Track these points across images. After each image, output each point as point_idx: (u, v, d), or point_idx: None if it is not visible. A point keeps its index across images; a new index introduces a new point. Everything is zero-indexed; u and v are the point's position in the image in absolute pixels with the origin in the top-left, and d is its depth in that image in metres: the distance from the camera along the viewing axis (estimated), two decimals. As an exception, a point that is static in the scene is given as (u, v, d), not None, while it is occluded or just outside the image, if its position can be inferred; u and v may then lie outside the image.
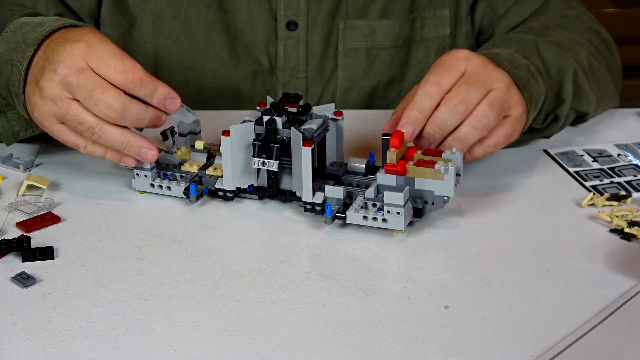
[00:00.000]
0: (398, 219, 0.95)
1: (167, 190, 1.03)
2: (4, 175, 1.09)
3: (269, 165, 0.99)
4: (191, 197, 1.02)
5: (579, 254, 0.95)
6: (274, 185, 1.01)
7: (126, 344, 0.81)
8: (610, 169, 1.12)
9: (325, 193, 0.99)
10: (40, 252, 0.93)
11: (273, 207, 1.03)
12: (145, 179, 1.03)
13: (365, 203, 0.97)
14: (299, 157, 0.97)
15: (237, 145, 0.99)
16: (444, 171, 0.94)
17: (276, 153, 0.98)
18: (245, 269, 0.92)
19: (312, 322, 0.84)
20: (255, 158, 0.99)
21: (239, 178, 1.01)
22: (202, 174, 1.04)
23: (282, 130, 0.99)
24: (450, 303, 0.87)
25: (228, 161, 1.00)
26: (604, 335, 0.82)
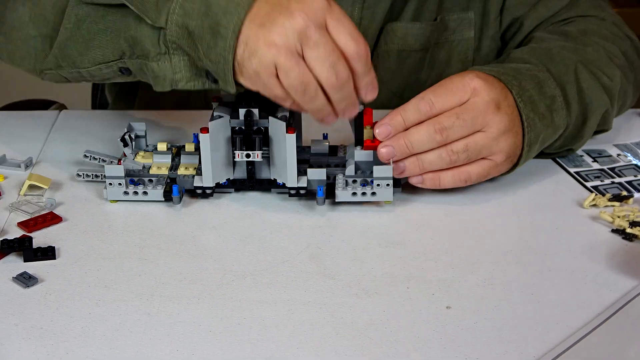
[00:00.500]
0: (387, 191, 1.00)
1: (144, 195, 1.02)
2: (5, 175, 1.09)
3: (254, 156, 1.00)
4: (174, 198, 1.01)
5: (581, 254, 0.95)
6: (254, 176, 1.03)
7: (128, 344, 0.81)
8: (610, 169, 1.12)
9: (308, 176, 1.01)
10: (41, 252, 0.93)
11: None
12: (119, 187, 1.01)
13: (346, 180, 1.01)
14: (281, 145, 0.99)
15: (215, 142, 0.99)
16: None
17: (259, 144, 1.00)
18: (246, 269, 0.92)
19: (313, 322, 0.84)
20: (238, 151, 1.00)
21: (218, 174, 1.01)
22: (174, 175, 1.04)
23: (259, 120, 1.00)
24: (452, 303, 0.87)
25: (208, 158, 1.00)
26: (605, 336, 0.82)
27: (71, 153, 1.14)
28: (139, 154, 1.07)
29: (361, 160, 1.01)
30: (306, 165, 1.04)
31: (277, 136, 0.99)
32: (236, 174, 1.03)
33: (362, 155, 1.01)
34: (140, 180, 1.03)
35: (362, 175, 1.01)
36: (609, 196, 1.04)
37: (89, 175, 1.06)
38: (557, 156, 1.14)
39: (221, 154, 1.01)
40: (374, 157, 1.00)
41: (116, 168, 1.01)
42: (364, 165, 1.01)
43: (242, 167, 1.03)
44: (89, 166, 1.08)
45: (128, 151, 1.05)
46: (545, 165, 1.13)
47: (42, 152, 1.15)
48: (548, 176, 1.11)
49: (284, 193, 1.04)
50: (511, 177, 1.10)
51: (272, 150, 1.01)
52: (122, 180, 1.01)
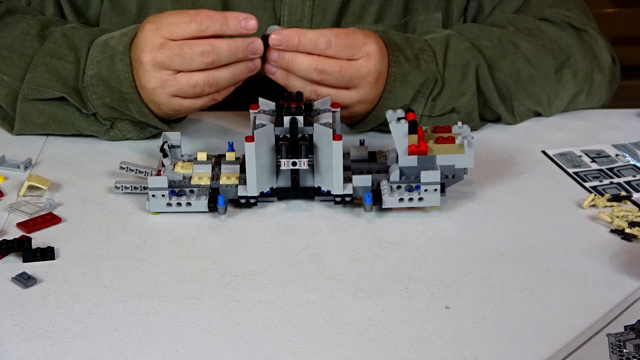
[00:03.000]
0: (435, 196, 0.99)
1: (187, 206, 1.00)
2: (5, 175, 1.09)
3: (300, 164, 0.99)
4: (220, 209, 1.00)
5: (580, 255, 0.95)
6: (298, 184, 1.02)
7: (127, 345, 0.81)
8: (609, 169, 1.12)
9: (354, 183, 1.01)
10: (41, 253, 0.93)
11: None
12: (162, 198, 1.00)
13: (390, 187, 1.00)
14: (327, 152, 0.99)
15: (259, 150, 0.98)
16: (467, 144, 1.00)
17: (305, 151, 0.99)
18: (246, 270, 0.92)
19: (312, 322, 0.84)
20: (284, 159, 0.99)
21: (262, 182, 1.00)
22: (217, 184, 1.02)
23: (303, 128, 1.00)
24: (451, 303, 0.87)
25: (253, 167, 0.98)
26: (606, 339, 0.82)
27: (70, 154, 1.14)
28: (178, 164, 1.05)
29: (406, 166, 1.00)
30: (349, 172, 1.03)
31: (322, 143, 0.99)
32: (279, 182, 1.02)
33: (407, 160, 1.00)
34: (182, 191, 1.01)
35: (406, 181, 1.00)
36: (607, 196, 1.04)
37: (128, 187, 1.04)
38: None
39: (265, 162, 1.00)
40: (419, 162, 1.00)
41: (159, 179, 0.99)
42: (408, 170, 1.00)
43: (286, 175, 1.02)
44: (124, 177, 1.07)
45: (167, 162, 1.03)
46: (544, 165, 1.13)
47: (41, 153, 1.15)
48: (547, 176, 1.11)
49: (328, 201, 1.03)
50: (510, 177, 1.10)
51: (317, 158, 1.00)
52: (166, 192, 1.00)
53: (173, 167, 1.04)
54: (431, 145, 1.00)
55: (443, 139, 1.00)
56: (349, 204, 1.02)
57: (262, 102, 1.05)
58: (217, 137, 1.19)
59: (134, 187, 1.04)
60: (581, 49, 1.24)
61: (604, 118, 1.27)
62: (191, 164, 1.05)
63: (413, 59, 1.13)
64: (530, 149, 1.17)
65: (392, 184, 1.00)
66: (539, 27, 1.23)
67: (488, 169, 1.11)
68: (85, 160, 1.13)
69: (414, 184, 1.00)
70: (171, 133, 1.05)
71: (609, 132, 1.23)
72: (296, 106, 1.01)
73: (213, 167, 1.05)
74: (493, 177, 1.10)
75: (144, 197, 1.03)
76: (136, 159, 1.13)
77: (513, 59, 1.19)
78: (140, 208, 1.02)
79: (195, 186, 1.02)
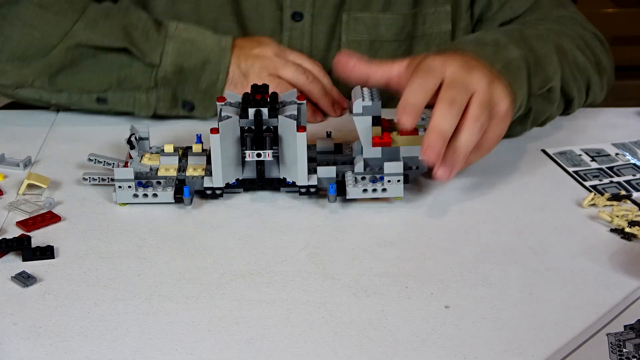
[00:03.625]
0: (398, 187, 1.01)
1: (153, 197, 1.01)
2: (5, 174, 1.09)
3: (264, 155, 1.00)
4: (185, 199, 1.01)
5: (580, 254, 0.95)
6: (263, 175, 1.03)
7: (126, 344, 0.81)
8: (609, 168, 1.12)
9: (318, 174, 1.02)
10: (40, 252, 0.93)
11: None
12: (129, 190, 1.01)
13: (355, 178, 1.01)
14: (291, 143, 1.00)
15: (224, 142, 0.99)
16: None
17: (270, 143, 1.00)
18: (245, 269, 0.92)
19: (312, 321, 0.84)
20: (249, 151, 1.00)
21: (227, 174, 1.01)
22: (183, 176, 1.03)
23: (268, 120, 1.00)
24: (451, 303, 0.87)
25: (218, 158, 1.00)
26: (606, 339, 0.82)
27: (70, 152, 1.14)
28: (145, 156, 1.06)
29: (370, 157, 1.02)
30: (314, 164, 1.04)
31: (287, 135, 1.00)
32: (245, 173, 1.03)
33: (371, 152, 1.02)
34: (149, 182, 1.02)
35: (371, 172, 1.02)
36: (607, 195, 1.04)
37: (96, 179, 1.05)
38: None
39: (230, 154, 1.01)
40: (383, 153, 1.01)
41: (125, 171, 1.00)
42: (373, 162, 1.02)
43: (251, 166, 1.03)
44: (93, 169, 1.08)
45: (134, 153, 1.05)
46: (544, 164, 1.13)
47: (41, 151, 1.15)
48: (547, 175, 1.11)
49: (293, 192, 1.04)
50: (510, 176, 1.10)
51: (282, 149, 1.01)
52: (132, 183, 1.01)
53: (140, 159, 1.05)
54: (395, 136, 1.01)
55: (406, 131, 1.01)
56: (314, 194, 1.03)
57: (229, 95, 1.05)
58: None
59: (102, 179, 1.05)
60: (602, 48, 1.26)
61: (604, 117, 1.27)
62: (158, 155, 1.06)
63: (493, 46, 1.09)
64: (530, 147, 1.17)
65: (356, 175, 1.02)
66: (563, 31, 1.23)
67: (488, 168, 1.11)
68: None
69: (378, 175, 1.01)
70: (139, 125, 1.06)
71: (608, 131, 1.23)
72: (261, 98, 1.02)
73: (180, 158, 1.06)
74: (492, 176, 1.10)
75: (111, 188, 1.03)
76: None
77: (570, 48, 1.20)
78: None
79: (161, 177, 1.03)
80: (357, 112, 1.00)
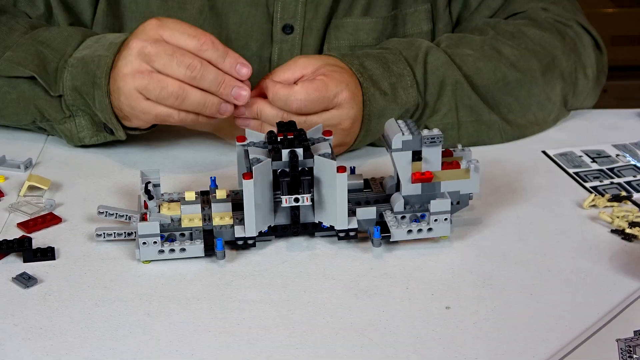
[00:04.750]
0: (445, 225, 0.94)
1: (181, 252, 0.92)
2: (6, 175, 1.09)
3: (302, 200, 0.92)
4: (218, 253, 0.92)
5: (580, 255, 0.95)
6: (298, 220, 0.95)
7: (127, 345, 0.81)
8: (609, 169, 1.12)
9: (357, 216, 0.95)
10: (41, 253, 0.93)
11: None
12: (154, 245, 0.91)
13: (395, 217, 0.95)
14: (330, 185, 0.93)
15: (257, 187, 0.91)
16: (473, 169, 0.96)
17: (308, 187, 0.93)
18: (246, 270, 0.92)
19: (313, 322, 0.84)
20: (285, 196, 0.92)
21: (260, 221, 0.93)
22: (210, 226, 0.95)
23: (302, 161, 0.93)
24: (452, 304, 0.87)
25: (251, 205, 0.91)
26: (607, 339, 0.82)
27: (70, 154, 1.14)
28: (163, 205, 0.97)
29: (409, 194, 0.96)
30: (349, 204, 0.95)
31: (323, 176, 0.93)
32: (277, 219, 0.95)
33: (410, 189, 0.95)
34: (172, 235, 0.94)
35: (411, 210, 0.96)
36: (608, 196, 1.04)
37: (111, 234, 0.95)
38: None
39: (263, 199, 0.93)
40: (423, 189, 0.95)
41: (151, 225, 0.91)
42: (412, 199, 0.96)
43: (284, 212, 0.95)
44: (104, 222, 0.98)
45: (152, 204, 0.94)
46: (544, 165, 1.13)
47: (41, 153, 1.15)
48: (547, 176, 1.11)
49: (330, 236, 0.97)
50: (509, 177, 1.10)
51: (319, 192, 0.94)
52: (157, 238, 0.91)
53: (158, 209, 0.96)
54: (436, 171, 0.96)
55: (447, 164, 0.96)
56: (353, 238, 0.96)
57: (250, 134, 0.98)
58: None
59: (118, 234, 0.96)
60: (565, 48, 1.23)
61: (603, 118, 1.27)
62: (177, 204, 0.96)
63: (390, 92, 1.12)
64: (530, 149, 1.17)
65: (396, 215, 0.96)
66: (521, 30, 1.22)
67: (488, 168, 1.11)
68: (86, 161, 1.12)
69: (419, 212, 0.96)
70: (150, 170, 0.98)
71: (608, 132, 1.23)
72: (293, 137, 0.95)
73: (202, 206, 0.97)
74: (493, 177, 1.10)
75: (129, 244, 0.96)
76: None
77: (497, 65, 1.17)
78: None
79: (186, 229, 0.94)
80: (396, 147, 0.94)
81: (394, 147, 0.94)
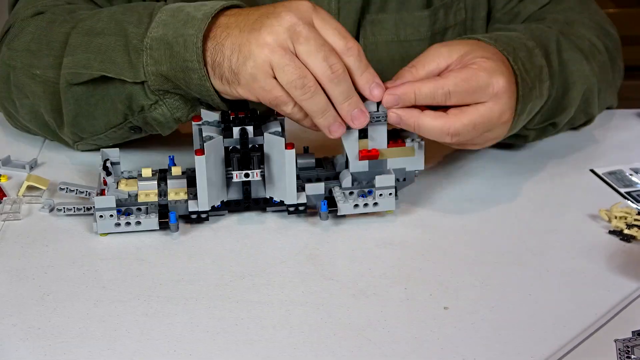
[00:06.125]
0: (390, 200, 0.99)
1: (137, 225, 0.96)
2: (9, 175, 1.10)
3: (252, 175, 0.96)
4: (172, 226, 0.97)
5: (579, 255, 0.95)
6: (250, 195, 1.00)
7: (125, 345, 0.81)
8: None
9: (307, 192, 0.99)
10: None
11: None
12: (111, 219, 0.96)
13: (344, 193, 0.99)
14: (278, 161, 0.97)
15: (209, 163, 0.95)
16: (417, 147, 1.00)
17: (257, 162, 0.96)
18: (244, 270, 0.92)
19: (311, 323, 0.84)
20: (236, 171, 0.96)
21: (213, 196, 0.97)
22: (165, 201, 0.99)
23: (253, 138, 0.97)
24: (450, 304, 0.87)
25: (204, 180, 0.96)
26: (606, 339, 0.82)
27: (70, 155, 1.14)
28: (121, 181, 1.01)
29: (357, 171, 1.00)
30: (299, 181, 1.01)
31: (273, 153, 0.97)
32: (230, 194, 1.00)
33: (358, 165, 0.99)
34: (129, 209, 0.98)
35: (359, 187, 1.00)
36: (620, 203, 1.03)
37: (70, 209, 1.00)
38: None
39: (216, 175, 0.97)
40: (370, 166, 0.99)
41: (106, 199, 0.95)
42: (360, 175, 1.00)
43: (236, 187, 0.99)
44: (66, 198, 1.02)
45: (110, 180, 0.99)
46: (545, 165, 1.13)
47: (40, 153, 1.15)
48: (546, 177, 1.11)
49: (281, 211, 1.01)
50: (509, 177, 1.10)
51: (269, 168, 0.98)
52: (113, 211, 0.96)
53: (117, 186, 1.00)
54: (381, 149, 0.99)
55: (393, 142, 0.99)
56: (303, 212, 1.00)
57: (205, 114, 1.00)
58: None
59: (77, 209, 1.00)
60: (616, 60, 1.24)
61: (604, 118, 1.26)
62: (135, 180, 1.01)
63: (537, 85, 1.05)
64: (530, 148, 1.17)
65: (344, 191, 1.00)
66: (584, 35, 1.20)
67: (487, 168, 1.11)
68: (85, 160, 1.12)
69: (367, 189, 1.00)
70: (110, 150, 1.01)
71: (608, 132, 1.23)
72: (244, 116, 0.98)
73: (158, 182, 1.01)
74: (492, 177, 1.10)
75: (88, 218, 0.99)
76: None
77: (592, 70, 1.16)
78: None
79: (142, 204, 0.98)
80: None
81: None
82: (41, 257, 0.94)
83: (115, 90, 1.03)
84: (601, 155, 1.17)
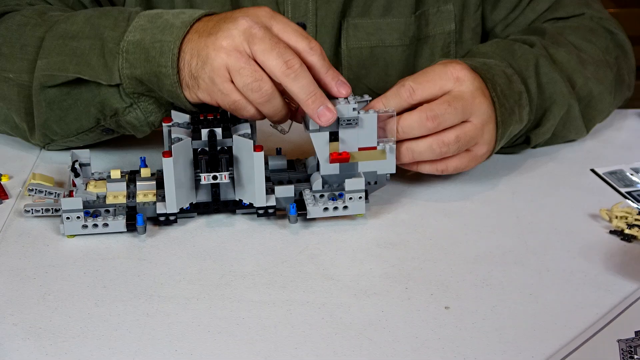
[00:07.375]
0: (360, 204, 0.98)
1: (104, 227, 0.96)
2: (10, 174, 1.10)
3: (221, 177, 0.96)
4: (139, 228, 0.96)
5: (579, 255, 0.95)
6: (219, 198, 0.99)
7: (126, 344, 0.81)
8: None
9: (276, 194, 0.99)
10: None
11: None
12: (77, 221, 0.95)
13: (314, 196, 0.99)
14: (247, 163, 0.96)
15: (178, 165, 0.95)
16: (388, 150, 0.99)
17: (226, 164, 0.96)
18: (245, 270, 0.92)
19: (312, 322, 0.84)
20: (204, 174, 0.96)
21: (181, 198, 0.97)
22: (134, 203, 0.98)
23: (222, 140, 0.96)
24: (451, 304, 0.87)
25: (171, 183, 0.95)
26: (607, 339, 0.82)
27: (69, 155, 1.14)
28: (90, 183, 1.00)
29: (328, 174, 0.99)
30: (269, 183, 1.00)
31: (242, 155, 0.96)
32: (199, 197, 0.99)
33: (328, 168, 0.99)
34: (97, 211, 0.97)
35: (329, 189, 0.99)
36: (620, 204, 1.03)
37: (39, 210, 0.99)
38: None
39: (184, 177, 0.96)
40: (341, 169, 0.99)
41: (73, 201, 0.94)
42: (330, 178, 0.99)
43: (205, 189, 0.99)
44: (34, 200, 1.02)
45: (79, 181, 0.98)
46: (545, 165, 1.13)
47: (41, 152, 1.15)
48: (547, 176, 1.11)
49: (250, 213, 1.01)
50: (509, 177, 1.10)
51: (238, 170, 0.97)
52: (80, 213, 0.95)
53: (85, 187, 0.99)
54: (352, 152, 0.98)
55: (363, 147, 0.99)
56: (272, 215, 0.99)
57: (175, 115, 1.00)
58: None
59: (45, 210, 1.00)
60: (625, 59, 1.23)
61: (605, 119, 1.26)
62: (104, 182, 1.00)
63: (516, 110, 1.06)
64: (531, 149, 1.17)
65: (315, 193, 0.99)
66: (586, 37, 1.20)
67: (487, 168, 1.11)
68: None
69: (337, 192, 0.99)
70: (80, 151, 1.01)
71: (609, 132, 1.23)
72: (213, 117, 0.98)
73: (127, 184, 1.00)
74: (492, 176, 1.10)
75: (57, 220, 0.99)
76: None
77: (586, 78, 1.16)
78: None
79: (110, 205, 0.97)
80: (313, 128, 0.97)
81: (312, 127, 0.97)
82: (42, 257, 0.94)
83: (89, 94, 1.04)
84: (602, 155, 1.17)
